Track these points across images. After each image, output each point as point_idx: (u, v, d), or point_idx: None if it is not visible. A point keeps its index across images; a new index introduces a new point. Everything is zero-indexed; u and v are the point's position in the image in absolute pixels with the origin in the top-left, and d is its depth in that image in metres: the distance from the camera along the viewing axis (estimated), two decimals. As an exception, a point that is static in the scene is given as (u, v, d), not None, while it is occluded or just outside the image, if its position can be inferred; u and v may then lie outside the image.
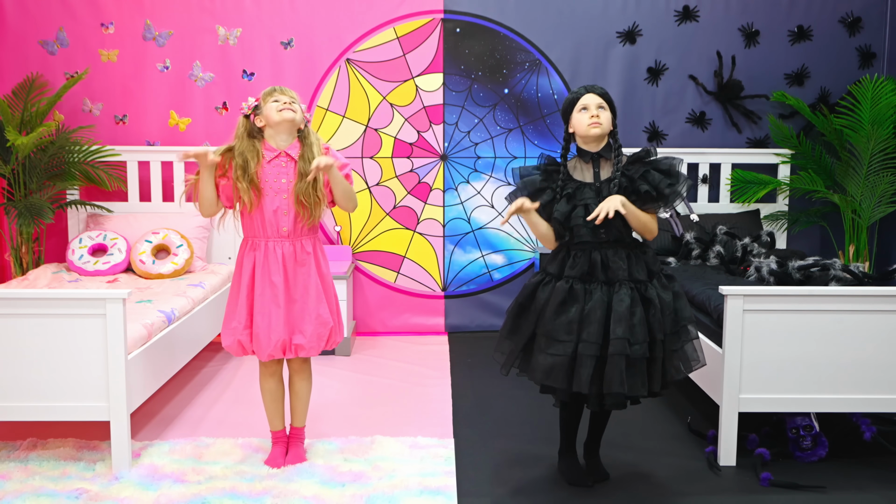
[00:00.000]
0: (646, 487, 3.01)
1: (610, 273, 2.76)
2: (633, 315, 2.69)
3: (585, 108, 2.82)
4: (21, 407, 3.04)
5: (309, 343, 3.03)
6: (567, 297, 2.74)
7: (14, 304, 3.01)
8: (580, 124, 2.83)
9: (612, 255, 2.77)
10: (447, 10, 5.05)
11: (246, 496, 2.88)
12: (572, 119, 2.85)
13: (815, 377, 3.13)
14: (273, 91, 3.01)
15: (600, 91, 2.86)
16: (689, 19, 5.11)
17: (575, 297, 2.74)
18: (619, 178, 2.79)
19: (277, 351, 3.03)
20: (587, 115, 2.81)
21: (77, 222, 4.85)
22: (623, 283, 2.74)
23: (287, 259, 3.02)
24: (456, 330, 5.28)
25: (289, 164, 3.03)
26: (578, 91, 2.87)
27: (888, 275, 3.71)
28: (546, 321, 2.74)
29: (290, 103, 2.99)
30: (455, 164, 5.18)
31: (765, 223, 5.03)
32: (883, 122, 4.66)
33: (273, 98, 2.99)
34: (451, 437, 3.44)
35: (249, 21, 4.99)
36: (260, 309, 3.02)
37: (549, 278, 2.83)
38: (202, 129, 5.02)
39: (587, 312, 2.71)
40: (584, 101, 2.83)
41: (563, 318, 2.72)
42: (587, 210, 2.76)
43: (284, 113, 2.97)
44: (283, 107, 2.97)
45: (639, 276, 2.77)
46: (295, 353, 3.05)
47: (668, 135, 5.19)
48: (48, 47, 4.92)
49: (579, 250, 2.80)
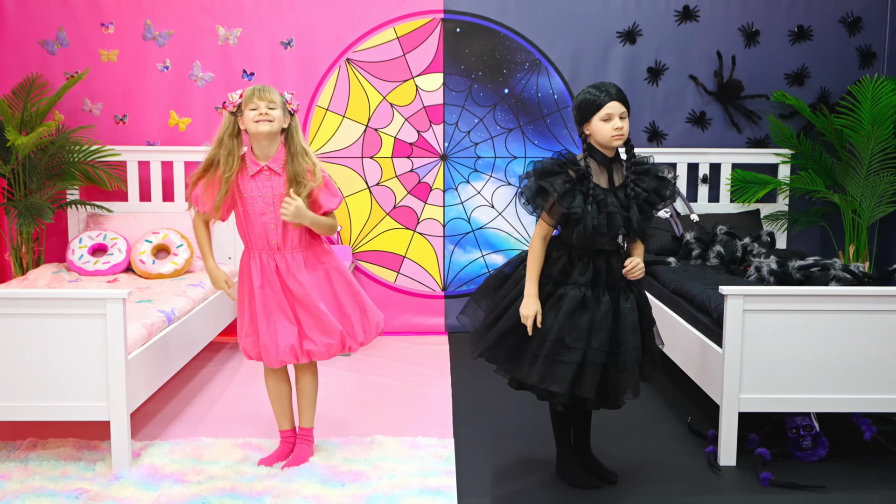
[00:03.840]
0: (646, 487, 3.00)
1: (610, 279, 2.81)
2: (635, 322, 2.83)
3: (609, 118, 2.73)
4: (21, 407, 3.04)
5: (319, 350, 3.03)
6: (579, 306, 2.77)
7: (14, 304, 3.00)
8: (602, 134, 2.74)
9: (615, 261, 2.83)
10: (447, 10, 5.05)
11: (246, 496, 2.88)
12: (593, 124, 2.75)
13: (815, 377, 3.13)
14: (252, 96, 2.91)
15: (620, 94, 2.75)
16: (689, 19, 5.11)
17: (586, 305, 2.77)
18: (633, 188, 2.78)
19: (289, 357, 3.02)
20: (611, 126, 2.72)
21: (77, 222, 4.85)
22: (625, 290, 2.83)
23: (282, 271, 3.01)
24: (456, 330, 5.27)
25: (272, 176, 2.98)
26: (600, 95, 2.73)
27: (888, 275, 3.71)
28: (558, 328, 2.74)
29: (268, 112, 2.90)
30: (455, 164, 5.18)
31: (765, 223, 5.03)
32: (883, 122, 4.66)
33: (251, 105, 2.91)
34: (451, 437, 3.44)
35: (249, 21, 4.99)
36: (264, 319, 3.01)
37: (545, 280, 2.83)
38: (202, 128, 5.02)
39: (598, 322, 2.75)
40: (609, 109, 2.72)
41: (574, 325, 2.74)
42: (611, 219, 2.73)
43: (260, 125, 2.90)
44: (260, 118, 2.89)
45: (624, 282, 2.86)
46: (308, 357, 3.05)
47: (668, 135, 5.19)
48: (48, 47, 4.92)
49: (584, 256, 2.80)
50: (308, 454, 3.18)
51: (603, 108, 2.73)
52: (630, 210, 2.76)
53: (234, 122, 2.97)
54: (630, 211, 2.76)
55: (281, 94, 2.99)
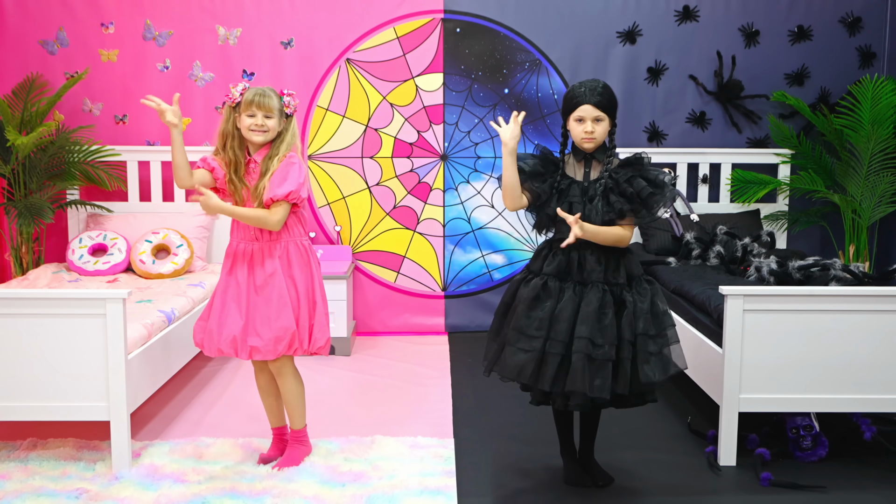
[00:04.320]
0: (646, 487, 3.01)
1: (585, 273, 2.76)
2: (602, 317, 2.69)
3: (581, 120, 2.77)
4: (21, 407, 3.04)
5: (265, 346, 2.98)
6: (540, 294, 2.75)
7: (14, 304, 3.01)
8: (574, 134, 2.82)
9: (589, 255, 2.77)
10: (447, 10, 5.05)
11: (246, 496, 2.88)
12: (569, 123, 2.82)
13: (815, 377, 3.13)
14: (252, 103, 2.94)
15: (599, 98, 2.75)
16: (689, 19, 5.11)
17: (548, 294, 2.74)
18: (605, 180, 2.79)
19: (228, 348, 3.00)
20: (581, 129, 2.77)
21: (77, 222, 4.85)
22: (596, 284, 2.74)
23: (255, 260, 3.02)
24: (456, 330, 5.27)
25: (256, 167, 3.03)
26: (578, 94, 2.77)
27: (888, 275, 3.71)
28: (518, 316, 2.74)
29: (264, 123, 2.94)
30: (455, 164, 5.18)
31: (765, 223, 5.03)
32: (883, 122, 4.66)
33: (249, 111, 2.95)
34: (451, 437, 3.44)
35: (249, 21, 4.99)
36: (220, 305, 3.02)
37: (530, 276, 2.83)
38: (202, 128, 5.02)
39: (558, 311, 2.71)
40: (581, 112, 2.76)
41: (534, 314, 2.72)
42: (571, 208, 2.77)
43: (254, 135, 2.96)
44: (256, 128, 2.95)
45: (615, 279, 2.77)
46: (249, 354, 3.00)
47: (668, 135, 5.19)
48: (48, 47, 4.92)
49: (560, 248, 2.80)
50: (301, 454, 3.17)
51: (576, 109, 2.78)
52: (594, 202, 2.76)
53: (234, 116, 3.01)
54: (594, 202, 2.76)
55: (280, 96, 3.00)
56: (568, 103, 2.81)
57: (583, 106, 2.76)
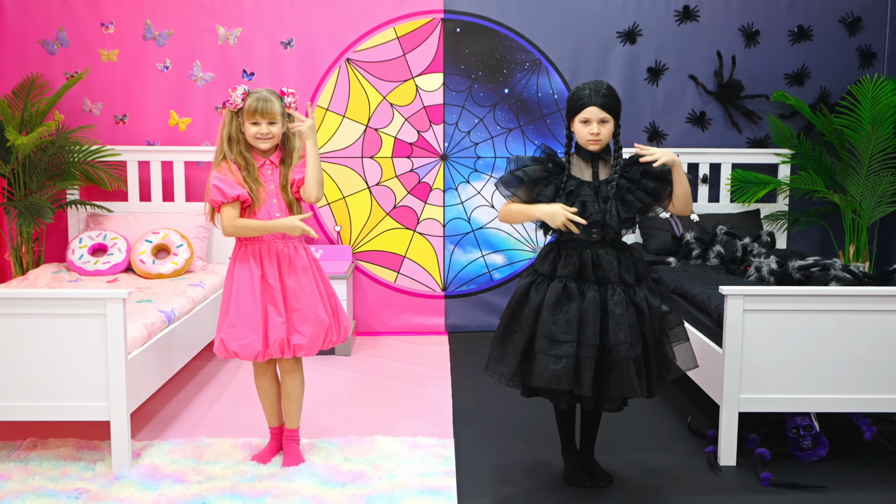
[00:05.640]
0: (646, 487, 3.01)
1: (600, 272, 2.76)
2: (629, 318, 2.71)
3: (587, 122, 2.76)
4: (21, 407, 3.04)
5: (308, 343, 3.03)
6: (562, 297, 2.73)
7: (14, 304, 3.01)
8: (580, 136, 2.80)
9: (603, 254, 2.77)
10: (447, 9, 5.05)
11: (246, 496, 2.88)
12: (574, 124, 2.81)
13: (815, 377, 3.13)
14: (255, 111, 2.94)
15: (604, 99, 2.75)
16: (689, 19, 5.11)
17: (570, 297, 2.73)
18: (617, 180, 2.79)
19: (276, 351, 3.02)
20: (587, 131, 2.76)
21: (77, 222, 4.85)
22: (614, 284, 2.74)
23: (283, 261, 3.03)
24: (456, 330, 5.28)
25: (274, 169, 3.05)
26: (583, 96, 2.76)
27: (888, 275, 3.71)
28: (544, 323, 2.72)
29: (269, 130, 2.96)
30: (455, 163, 5.18)
31: (765, 223, 5.03)
32: (883, 122, 4.66)
33: (253, 119, 2.95)
34: (451, 437, 3.44)
35: (249, 21, 4.99)
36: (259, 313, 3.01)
37: (541, 279, 2.81)
38: (202, 128, 5.02)
39: (582, 313, 2.70)
40: (587, 113, 2.75)
41: (560, 317, 2.70)
42: (584, 208, 2.76)
43: (260, 143, 2.99)
44: (261, 136, 2.96)
45: (627, 278, 2.77)
46: (293, 352, 3.04)
47: (668, 135, 5.19)
48: (48, 47, 4.92)
49: (570, 249, 2.79)
50: (300, 453, 3.19)
51: (582, 111, 2.77)
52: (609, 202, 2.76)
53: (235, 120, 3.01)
54: (609, 203, 2.76)
55: (281, 97, 3.00)
56: (573, 105, 2.80)
57: (588, 107, 2.75)
